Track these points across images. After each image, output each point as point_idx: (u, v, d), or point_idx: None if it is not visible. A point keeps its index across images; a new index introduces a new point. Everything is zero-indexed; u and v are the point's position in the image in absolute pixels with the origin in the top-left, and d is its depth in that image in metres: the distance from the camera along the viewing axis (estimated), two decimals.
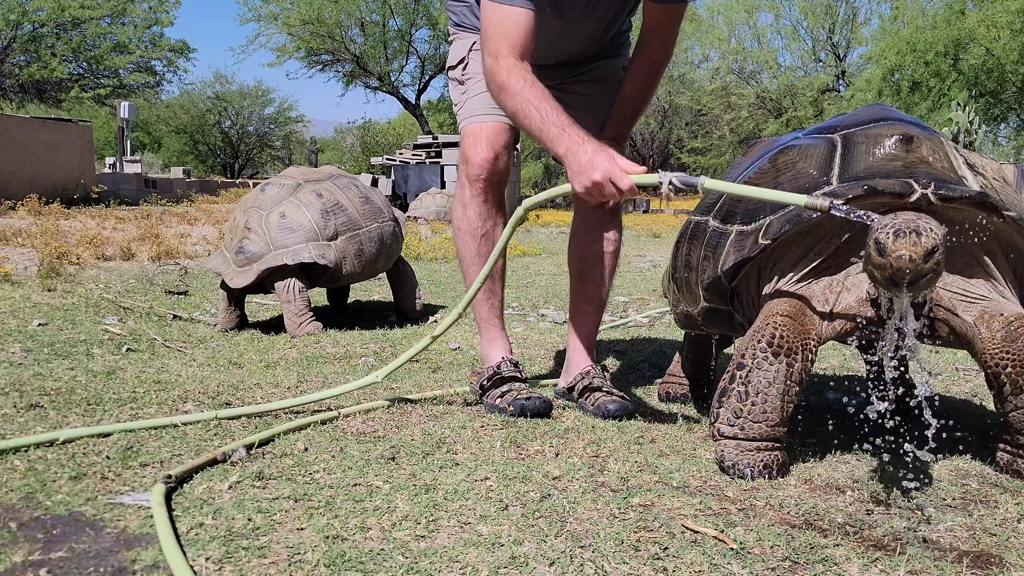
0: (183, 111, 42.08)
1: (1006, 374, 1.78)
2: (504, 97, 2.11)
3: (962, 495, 1.77)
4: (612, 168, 1.94)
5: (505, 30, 2.10)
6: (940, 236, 1.59)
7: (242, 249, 3.76)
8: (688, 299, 2.23)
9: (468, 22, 2.47)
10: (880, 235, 1.61)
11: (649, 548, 1.46)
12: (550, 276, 6.39)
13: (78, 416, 2.22)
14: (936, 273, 1.61)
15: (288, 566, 1.37)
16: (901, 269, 1.57)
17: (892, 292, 1.65)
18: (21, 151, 14.93)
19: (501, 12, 2.11)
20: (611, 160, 1.94)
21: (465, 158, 2.37)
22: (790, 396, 1.82)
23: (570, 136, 2.00)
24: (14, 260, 6.00)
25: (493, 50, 2.11)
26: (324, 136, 55.92)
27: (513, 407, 2.29)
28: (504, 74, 2.09)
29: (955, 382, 2.95)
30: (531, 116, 2.06)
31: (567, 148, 2.00)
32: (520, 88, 2.07)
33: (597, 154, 1.95)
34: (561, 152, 2.02)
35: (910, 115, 2.13)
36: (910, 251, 1.56)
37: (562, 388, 2.56)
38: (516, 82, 2.08)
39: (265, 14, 25.87)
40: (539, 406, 2.30)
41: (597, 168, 1.94)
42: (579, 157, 1.97)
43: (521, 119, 2.10)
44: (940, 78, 23.04)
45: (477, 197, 2.38)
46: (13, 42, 22.68)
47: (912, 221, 1.60)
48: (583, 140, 1.99)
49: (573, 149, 1.99)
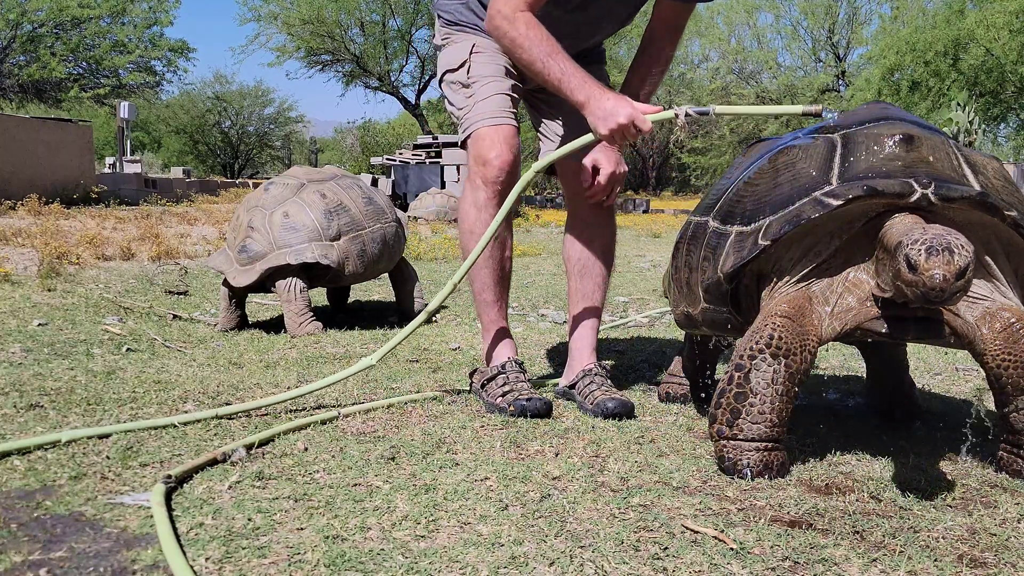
0: (183, 111, 42.07)
1: (1007, 375, 1.78)
2: (519, 51, 2.25)
3: (962, 495, 1.77)
4: (634, 112, 2.18)
5: None
6: (971, 253, 1.57)
7: (245, 248, 3.76)
8: (688, 300, 2.23)
9: (465, 19, 2.48)
10: (911, 251, 1.59)
11: (649, 548, 1.46)
12: (550, 276, 6.39)
13: (78, 416, 2.22)
14: (966, 289, 1.58)
15: (288, 566, 1.37)
16: (934, 288, 1.55)
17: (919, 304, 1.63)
18: (21, 151, 14.92)
19: None
20: (631, 105, 2.19)
21: (482, 160, 2.37)
22: (789, 397, 1.82)
23: (590, 86, 2.21)
24: (14, 260, 6.00)
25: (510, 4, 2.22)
26: (324, 136, 55.93)
27: (514, 407, 2.30)
28: (523, 27, 2.22)
29: (955, 382, 2.95)
30: (550, 68, 2.23)
31: (588, 96, 2.20)
32: (538, 40, 2.22)
33: (619, 101, 2.19)
34: (582, 100, 2.21)
35: (911, 114, 2.13)
36: (944, 270, 1.54)
37: (563, 387, 2.57)
38: (534, 34, 2.22)
39: (265, 14, 25.87)
40: (539, 407, 2.31)
41: (620, 113, 2.17)
42: (603, 103, 2.19)
43: (538, 69, 2.24)
44: (940, 78, 23.05)
45: (493, 199, 2.39)
46: (13, 42, 22.68)
47: (943, 237, 1.57)
48: (603, 89, 2.21)
49: (596, 96, 2.19)
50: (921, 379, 2.90)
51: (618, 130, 2.18)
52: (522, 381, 2.41)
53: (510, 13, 2.22)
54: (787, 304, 1.87)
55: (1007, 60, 21.90)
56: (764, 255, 1.96)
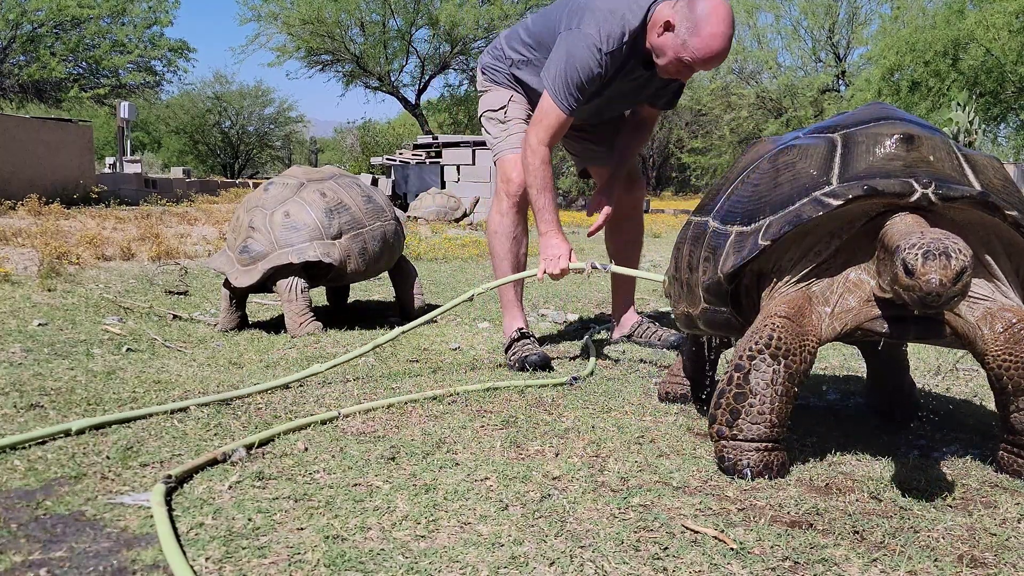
0: (183, 111, 42.05)
1: (1008, 376, 1.77)
2: (527, 172, 3.00)
3: (962, 495, 1.77)
4: (565, 257, 2.97)
5: (551, 125, 2.94)
6: (969, 257, 1.56)
7: (246, 248, 3.75)
8: (688, 300, 2.23)
9: (504, 81, 3.26)
10: (908, 255, 1.59)
11: (649, 548, 1.46)
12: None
13: (78, 416, 2.22)
14: (964, 293, 1.58)
15: (288, 566, 1.37)
16: (931, 292, 1.55)
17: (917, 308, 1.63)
18: (21, 151, 14.91)
19: (557, 112, 2.93)
20: (566, 251, 2.98)
21: (507, 179, 3.14)
22: (788, 397, 1.82)
23: (551, 226, 2.99)
24: (14, 260, 6.00)
25: (543, 135, 2.95)
26: (324, 136, 55.94)
27: (517, 363, 2.98)
28: (542, 155, 2.97)
29: (955, 382, 2.95)
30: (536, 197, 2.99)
31: (547, 232, 2.99)
32: (541, 176, 2.97)
33: (561, 246, 2.98)
34: (542, 231, 3.00)
35: (911, 114, 2.12)
36: (940, 274, 1.54)
37: (620, 336, 3.59)
38: (541, 171, 2.97)
39: (265, 14, 25.83)
40: (536, 360, 2.97)
41: (562, 256, 2.97)
42: (553, 244, 2.99)
43: (532, 193, 3.00)
44: (939, 78, 23.04)
45: (512, 209, 3.16)
46: (12, 42, 22.67)
47: (940, 242, 1.57)
48: (558, 232, 3.00)
49: (552, 234, 2.99)
50: (921, 379, 2.90)
51: (554, 268, 2.97)
52: (527, 344, 3.08)
53: (536, 145, 2.95)
54: (787, 304, 1.86)
55: (1007, 60, 21.88)
56: (764, 255, 1.96)
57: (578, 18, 2.89)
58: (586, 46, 2.84)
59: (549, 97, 2.92)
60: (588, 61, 2.85)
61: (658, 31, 2.83)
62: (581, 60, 2.85)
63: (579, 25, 2.87)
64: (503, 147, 3.19)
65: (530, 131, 2.98)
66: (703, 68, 2.84)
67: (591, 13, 2.87)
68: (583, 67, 2.86)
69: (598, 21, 2.85)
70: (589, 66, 2.86)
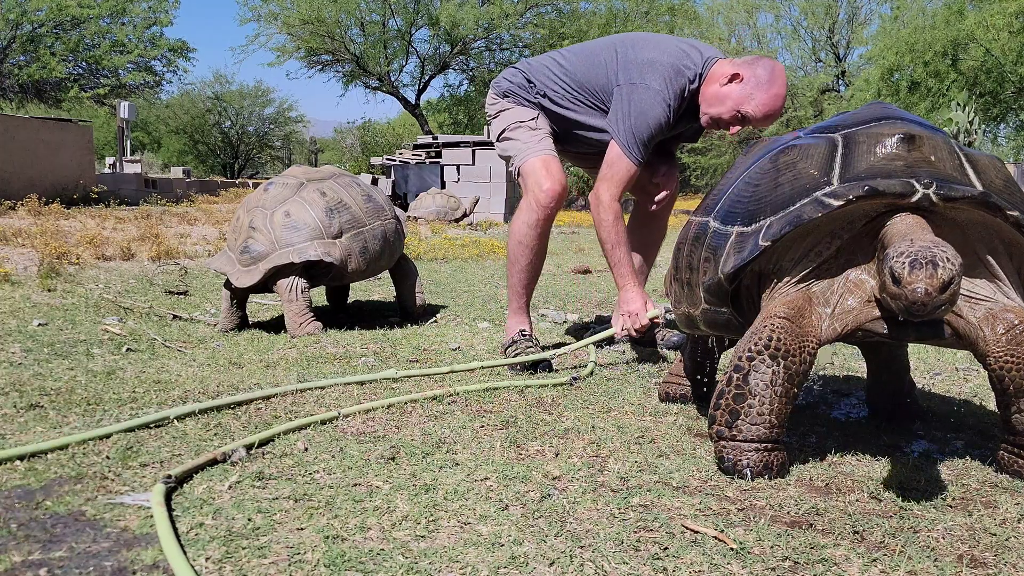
0: (183, 111, 42.03)
1: (1010, 377, 1.77)
2: (600, 227, 3.05)
3: (962, 495, 1.77)
4: (641, 310, 3.02)
5: (623, 180, 3.02)
6: (957, 266, 1.56)
7: (247, 249, 3.75)
8: (689, 300, 2.23)
9: (527, 100, 3.23)
10: (895, 264, 1.59)
11: (649, 548, 1.46)
12: (550, 276, 6.39)
13: (78, 416, 2.22)
14: (952, 302, 1.58)
15: (288, 566, 1.37)
16: (916, 302, 1.55)
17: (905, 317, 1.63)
18: (21, 151, 14.92)
19: (628, 165, 3.00)
20: (643, 303, 3.03)
21: (539, 186, 3.08)
22: (788, 398, 1.82)
23: (629, 280, 3.04)
24: (14, 260, 6.00)
25: (614, 190, 3.02)
26: (324, 136, 55.85)
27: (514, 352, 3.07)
28: (615, 211, 3.04)
29: (955, 382, 2.95)
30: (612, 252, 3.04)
31: (624, 287, 3.04)
32: (615, 231, 3.03)
33: (638, 298, 3.03)
34: (620, 285, 3.04)
35: (912, 114, 2.12)
36: (927, 284, 1.54)
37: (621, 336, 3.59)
38: (614, 227, 3.03)
39: (265, 14, 25.80)
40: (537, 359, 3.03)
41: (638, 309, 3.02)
42: (632, 297, 3.03)
43: (607, 248, 3.05)
44: (939, 78, 23.04)
45: (544, 223, 3.10)
46: (13, 42, 22.66)
47: (929, 250, 1.57)
48: (637, 285, 3.05)
49: (630, 287, 3.04)
50: (921, 379, 2.90)
51: (634, 325, 3.04)
52: (529, 344, 3.13)
53: (609, 201, 3.01)
54: (786, 305, 1.86)
55: (1007, 60, 21.88)
56: (765, 255, 1.96)
57: (638, 71, 2.98)
58: (657, 102, 2.95)
59: (620, 151, 2.99)
60: (660, 117, 2.96)
61: (722, 81, 2.94)
62: (653, 116, 2.96)
63: (643, 79, 2.96)
64: (535, 150, 3.14)
65: (600, 188, 3.03)
66: (758, 123, 2.95)
67: (653, 68, 2.97)
68: (655, 122, 2.97)
69: (665, 77, 2.95)
70: (660, 122, 2.97)
